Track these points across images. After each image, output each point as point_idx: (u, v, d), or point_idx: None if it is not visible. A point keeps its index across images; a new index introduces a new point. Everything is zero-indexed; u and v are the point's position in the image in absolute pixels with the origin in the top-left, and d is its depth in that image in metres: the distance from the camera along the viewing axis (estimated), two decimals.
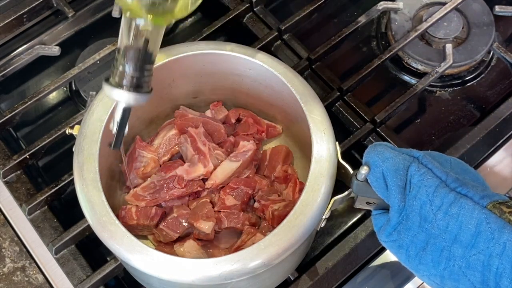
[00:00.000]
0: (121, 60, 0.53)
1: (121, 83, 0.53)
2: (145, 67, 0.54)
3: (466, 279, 0.51)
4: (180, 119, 0.72)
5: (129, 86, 0.53)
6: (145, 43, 0.53)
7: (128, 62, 0.53)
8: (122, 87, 0.53)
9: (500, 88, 0.88)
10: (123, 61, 0.53)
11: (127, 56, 0.53)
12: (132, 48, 0.53)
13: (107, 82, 0.54)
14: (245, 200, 0.70)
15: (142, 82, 0.54)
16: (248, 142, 0.71)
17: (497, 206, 0.50)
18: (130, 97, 0.54)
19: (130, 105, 0.55)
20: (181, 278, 0.56)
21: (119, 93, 0.54)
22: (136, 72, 0.53)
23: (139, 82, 0.54)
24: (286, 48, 0.87)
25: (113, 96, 0.54)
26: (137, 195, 0.68)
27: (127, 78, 0.53)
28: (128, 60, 0.53)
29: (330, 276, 0.71)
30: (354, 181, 0.57)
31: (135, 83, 0.54)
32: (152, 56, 0.54)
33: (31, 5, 0.88)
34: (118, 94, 0.54)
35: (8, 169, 0.76)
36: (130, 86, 0.53)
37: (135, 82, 0.54)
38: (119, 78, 0.53)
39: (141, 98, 0.54)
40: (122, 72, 0.53)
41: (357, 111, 0.82)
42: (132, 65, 0.53)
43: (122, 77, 0.53)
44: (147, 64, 0.54)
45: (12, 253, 0.73)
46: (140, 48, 0.53)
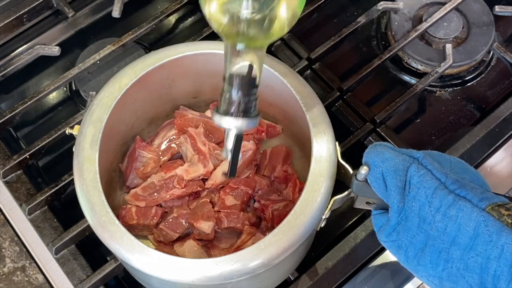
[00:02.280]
0: (227, 87, 0.53)
1: (229, 110, 0.53)
2: (251, 91, 0.54)
3: (464, 281, 0.51)
4: (180, 119, 0.72)
5: (237, 112, 0.53)
6: (249, 67, 0.53)
7: (234, 89, 0.53)
8: (231, 115, 0.53)
9: (500, 88, 0.88)
10: (230, 88, 0.53)
11: (232, 83, 0.53)
12: (236, 75, 0.53)
13: (216, 111, 0.54)
14: (245, 200, 0.70)
15: (249, 107, 0.54)
16: (248, 142, 0.71)
17: (496, 209, 0.50)
18: (240, 123, 0.54)
19: (241, 131, 0.55)
20: (181, 278, 0.56)
21: (229, 120, 0.54)
22: (243, 98, 0.53)
23: (246, 107, 0.54)
24: (286, 48, 0.87)
25: (223, 125, 0.54)
26: (137, 195, 0.68)
27: (234, 105, 0.53)
28: (234, 87, 0.53)
29: (330, 276, 0.71)
30: (354, 181, 0.57)
31: (243, 109, 0.54)
32: (257, 79, 0.54)
33: (31, 5, 0.88)
34: (228, 121, 0.54)
35: (8, 169, 0.76)
36: (238, 112, 0.53)
37: (243, 107, 0.53)
38: (227, 106, 0.53)
39: (250, 122, 0.54)
40: (229, 100, 0.53)
41: (357, 111, 0.82)
42: (238, 91, 0.53)
43: (230, 105, 0.53)
44: (253, 88, 0.54)
45: (12, 253, 0.73)
46: (245, 74, 0.53)
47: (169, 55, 0.66)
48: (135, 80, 0.64)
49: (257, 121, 0.55)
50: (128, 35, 0.85)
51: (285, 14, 0.52)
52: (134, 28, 0.85)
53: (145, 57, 0.67)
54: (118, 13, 0.86)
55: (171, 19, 0.95)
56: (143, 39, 0.89)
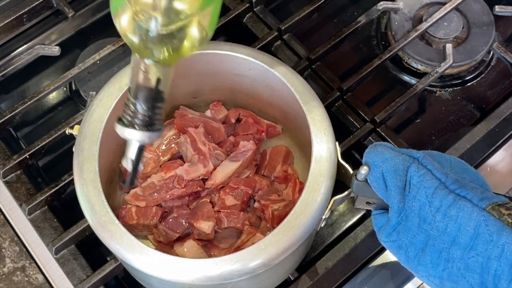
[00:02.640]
0: (132, 99, 0.53)
1: (133, 122, 0.53)
2: (156, 105, 0.54)
3: (464, 281, 0.51)
4: (180, 119, 0.72)
5: (141, 125, 0.53)
6: (156, 82, 0.53)
7: (140, 101, 0.53)
8: (134, 127, 0.53)
9: (500, 88, 0.88)
10: (134, 100, 0.53)
11: (138, 95, 0.53)
12: (143, 88, 0.53)
13: (119, 122, 0.54)
14: (245, 200, 0.70)
15: (154, 120, 0.54)
16: (248, 142, 0.71)
17: (496, 208, 0.50)
18: (143, 135, 0.54)
19: (144, 143, 0.55)
20: (181, 278, 0.56)
21: (132, 132, 0.54)
22: (148, 111, 0.53)
23: (151, 120, 0.54)
24: (286, 48, 0.87)
25: (126, 136, 0.54)
26: (137, 195, 0.68)
27: (139, 117, 0.53)
28: (140, 99, 0.53)
29: (330, 276, 0.71)
30: (354, 181, 0.57)
31: (147, 122, 0.54)
32: (163, 94, 0.54)
33: (31, 5, 0.88)
34: (130, 133, 0.54)
35: (8, 169, 0.76)
36: (142, 125, 0.53)
37: (147, 120, 0.53)
38: (131, 118, 0.53)
39: (153, 135, 0.54)
40: (134, 112, 0.53)
41: (357, 111, 0.82)
42: (143, 104, 0.53)
43: (134, 117, 0.53)
44: (159, 102, 0.54)
45: (12, 253, 0.73)
46: (152, 87, 0.53)
47: None
48: None
49: (160, 134, 0.55)
50: None
51: (195, 34, 0.52)
52: None
53: None
54: None
55: None
56: None
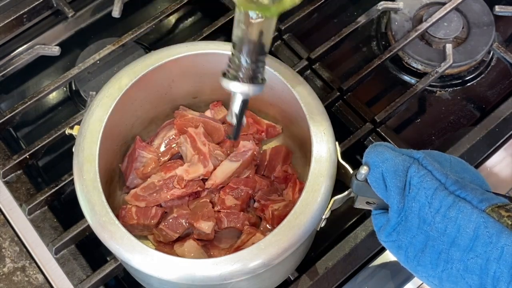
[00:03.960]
0: (236, 53, 0.55)
1: (237, 75, 0.55)
2: (259, 58, 0.55)
3: (464, 282, 0.51)
4: (180, 119, 0.72)
5: (245, 78, 0.55)
6: (259, 35, 0.54)
7: (244, 55, 0.54)
8: (239, 80, 0.55)
9: (500, 88, 0.88)
10: (239, 54, 0.55)
11: (242, 49, 0.54)
12: (246, 42, 0.54)
13: (224, 76, 0.56)
14: (245, 200, 0.70)
15: (257, 74, 0.56)
16: (248, 142, 0.71)
17: (496, 210, 0.50)
18: (248, 88, 0.55)
19: (248, 96, 0.56)
20: (181, 278, 0.56)
21: (237, 85, 0.55)
22: (251, 64, 0.55)
23: (254, 73, 0.56)
24: (286, 48, 0.87)
25: (231, 89, 0.56)
26: (137, 196, 0.68)
27: (243, 70, 0.55)
28: (243, 53, 0.54)
29: (330, 276, 0.72)
30: (354, 181, 0.57)
31: (251, 75, 0.55)
32: (265, 47, 0.55)
33: (31, 5, 0.88)
34: (236, 86, 0.56)
35: (8, 169, 0.76)
36: (246, 78, 0.55)
37: (250, 74, 0.55)
38: (235, 71, 0.55)
39: (257, 88, 0.56)
40: (238, 65, 0.55)
41: (357, 111, 0.82)
42: (247, 57, 0.54)
43: (238, 70, 0.55)
44: (261, 55, 0.55)
45: (12, 253, 0.73)
46: (255, 41, 0.54)
47: (169, 55, 0.66)
48: (135, 80, 0.64)
49: (263, 87, 0.57)
50: (128, 35, 0.85)
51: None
52: (134, 28, 0.85)
53: (145, 57, 0.67)
54: (118, 13, 0.86)
55: (171, 19, 0.95)
56: (143, 39, 0.89)
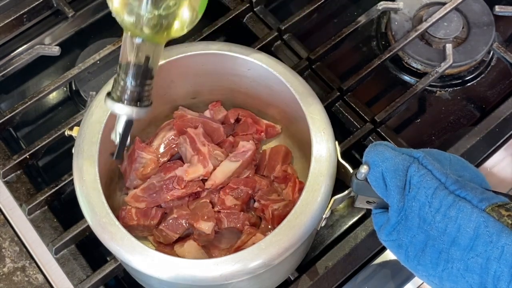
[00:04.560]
0: (122, 75, 0.55)
1: (122, 97, 0.56)
2: (145, 82, 0.56)
3: (464, 281, 0.51)
4: (179, 120, 0.72)
5: (130, 100, 0.56)
6: (146, 59, 0.55)
7: (129, 77, 0.55)
8: (123, 102, 0.56)
9: (500, 88, 0.88)
10: (124, 76, 0.55)
11: (128, 71, 0.55)
12: (132, 65, 0.55)
13: (109, 96, 0.57)
14: (245, 200, 0.70)
15: (142, 96, 0.56)
16: (247, 142, 0.71)
17: (496, 209, 0.50)
18: (131, 110, 0.56)
19: (131, 118, 0.57)
20: (182, 279, 0.56)
21: (121, 107, 0.56)
22: (137, 87, 0.56)
23: (139, 96, 0.56)
24: (286, 48, 0.87)
25: (115, 110, 0.56)
26: (136, 196, 0.68)
27: (128, 92, 0.56)
28: (129, 75, 0.55)
29: (330, 276, 0.71)
30: (354, 180, 0.57)
31: (136, 97, 0.56)
32: (153, 71, 0.56)
33: (31, 5, 0.88)
34: (119, 108, 0.56)
35: (8, 169, 0.76)
36: (131, 100, 0.56)
37: (135, 96, 0.56)
38: (120, 93, 0.56)
39: (141, 111, 0.57)
40: (123, 87, 0.55)
41: (357, 111, 0.82)
42: (133, 80, 0.55)
43: (123, 92, 0.56)
44: (147, 79, 0.56)
45: (12, 253, 0.73)
46: (141, 64, 0.55)
47: (168, 56, 0.66)
48: None
49: (148, 110, 0.57)
50: None
51: (186, 15, 0.54)
52: None
53: None
54: None
55: None
56: None
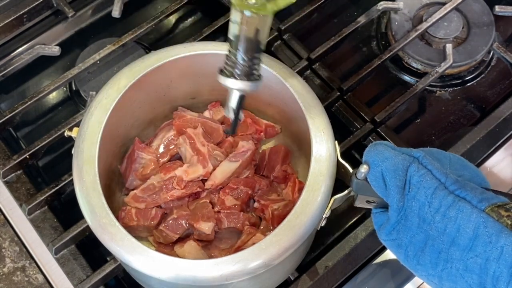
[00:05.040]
0: (232, 50, 0.56)
1: (234, 72, 0.57)
2: (255, 55, 0.56)
3: (463, 281, 0.51)
4: (179, 120, 0.72)
5: (242, 75, 0.57)
6: (255, 33, 0.55)
7: (240, 52, 0.56)
8: (235, 77, 0.57)
9: (500, 88, 0.88)
10: (235, 51, 0.56)
11: (238, 46, 0.56)
12: (242, 39, 0.55)
13: (221, 73, 0.57)
14: (244, 200, 0.70)
15: (253, 70, 0.57)
16: (247, 142, 0.71)
17: (495, 210, 0.50)
18: (244, 85, 0.57)
19: (244, 92, 0.58)
20: (182, 279, 0.56)
21: (234, 82, 0.57)
22: (248, 62, 0.56)
23: (250, 70, 0.57)
24: (286, 48, 0.87)
25: (228, 85, 0.57)
26: (136, 197, 0.68)
27: (239, 67, 0.56)
28: (240, 50, 0.56)
29: (330, 276, 0.71)
30: (354, 180, 0.57)
31: (247, 72, 0.57)
32: (261, 44, 0.56)
33: (31, 5, 0.88)
34: (232, 83, 0.57)
35: (8, 169, 0.76)
36: (243, 75, 0.57)
37: (247, 70, 0.57)
38: (232, 68, 0.57)
39: (253, 85, 0.57)
40: (234, 62, 0.56)
41: (357, 111, 0.82)
42: (243, 55, 0.56)
43: (235, 67, 0.57)
44: (257, 53, 0.57)
45: (12, 253, 0.73)
46: (251, 38, 0.55)
47: (167, 56, 0.66)
48: (133, 81, 0.64)
49: (259, 84, 0.58)
50: (128, 35, 0.85)
51: None
52: (134, 28, 0.85)
53: (143, 58, 0.67)
54: (118, 13, 0.86)
55: (171, 19, 0.95)
56: (143, 39, 0.89)
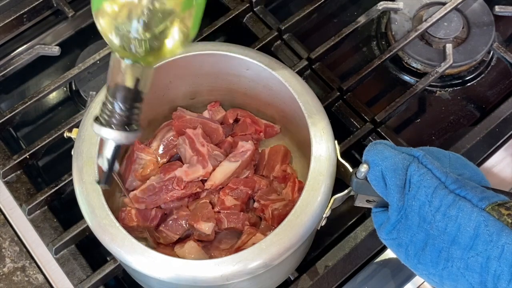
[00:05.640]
0: (110, 98, 0.52)
1: (110, 121, 0.53)
2: (134, 105, 0.53)
3: (464, 280, 0.51)
4: (178, 121, 0.72)
5: (118, 125, 0.53)
6: (135, 82, 0.52)
7: (118, 101, 0.52)
8: (111, 126, 0.53)
9: (500, 88, 0.88)
10: (112, 99, 0.52)
11: (116, 95, 0.52)
12: (121, 88, 0.52)
13: (97, 121, 0.54)
14: (244, 200, 0.70)
15: (131, 120, 0.53)
16: (246, 142, 0.71)
17: (496, 209, 0.50)
18: (120, 135, 0.53)
19: (120, 143, 0.54)
20: (183, 280, 0.56)
21: (109, 132, 0.53)
22: (126, 111, 0.53)
23: (129, 120, 0.53)
24: (286, 48, 0.87)
25: (102, 135, 0.54)
26: (136, 198, 0.68)
27: (116, 117, 0.53)
28: (118, 99, 0.52)
29: (330, 276, 0.71)
30: (354, 179, 0.57)
31: (125, 121, 0.53)
32: (142, 94, 0.53)
33: (31, 5, 0.88)
34: (107, 132, 0.53)
35: (8, 169, 0.76)
36: (119, 125, 0.53)
37: (124, 120, 0.53)
38: (108, 117, 0.53)
39: (130, 136, 0.54)
40: (111, 111, 0.53)
41: (357, 111, 0.82)
42: (121, 104, 0.52)
43: (112, 116, 0.53)
44: (137, 102, 0.53)
45: (12, 253, 0.73)
46: (131, 87, 0.52)
47: None
48: None
49: (137, 135, 0.54)
50: None
51: (177, 35, 0.51)
52: None
53: None
54: None
55: None
56: None
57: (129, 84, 0.52)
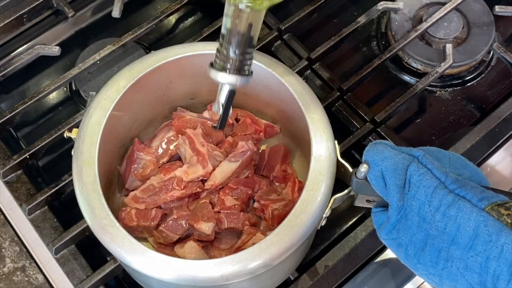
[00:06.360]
0: (225, 44, 0.56)
1: (225, 66, 0.56)
2: (247, 50, 0.56)
3: (464, 280, 0.51)
4: (178, 121, 0.72)
5: (233, 69, 0.56)
6: (248, 27, 0.55)
7: (232, 46, 0.55)
8: (226, 71, 0.56)
9: (500, 88, 0.88)
10: (227, 45, 0.56)
11: (231, 41, 0.55)
12: (235, 33, 0.55)
13: (212, 66, 0.57)
14: (244, 200, 0.70)
15: (244, 65, 0.57)
16: (246, 142, 0.71)
17: (495, 209, 0.50)
18: (235, 79, 0.57)
19: (235, 87, 0.57)
20: (183, 280, 0.56)
21: (225, 76, 0.57)
22: (239, 56, 0.56)
23: (242, 65, 0.57)
24: (286, 48, 0.87)
25: (219, 79, 0.57)
26: (136, 198, 0.68)
27: (231, 62, 0.56)
28: (232, 44, 0.55)
29: (330, 276, 0.71)
30: (354, 179, 0.57)
31: (238, 66, 0.56)
32: (254, 39, 0.56)
33: (31, 5, 0.88)
34: (223, 77, 0.57)
35: (8, 169, 0.76)
36: (234, 69, 0.56)
37: (238, 65, 0.56)
38: (223, 62, 0.56)
39: (244, 79, 0.57)
40: (226, 56, 0.56)
41: (357, 111, 0.82)
42: (235, 49, 0.56)
43: (226, 61, 0.56)
44: (249, 47, 0.56)
45: (12, 253, 0.73)
46: (243, 33, 0.55)
47: (166, 56, 0.66)
48: (132, 82, 0.64)
49: (249, 79, 0.58)
50: (128, 35, 0.85)
51: None
52: (134, 28, 0.85)
53: (142, 59, 0.67)
54: (118, 13, 0.86)
55: (171, 19, 0.95)
56: (143, 39, 0.89)
57: (243, 29, 0.55)
